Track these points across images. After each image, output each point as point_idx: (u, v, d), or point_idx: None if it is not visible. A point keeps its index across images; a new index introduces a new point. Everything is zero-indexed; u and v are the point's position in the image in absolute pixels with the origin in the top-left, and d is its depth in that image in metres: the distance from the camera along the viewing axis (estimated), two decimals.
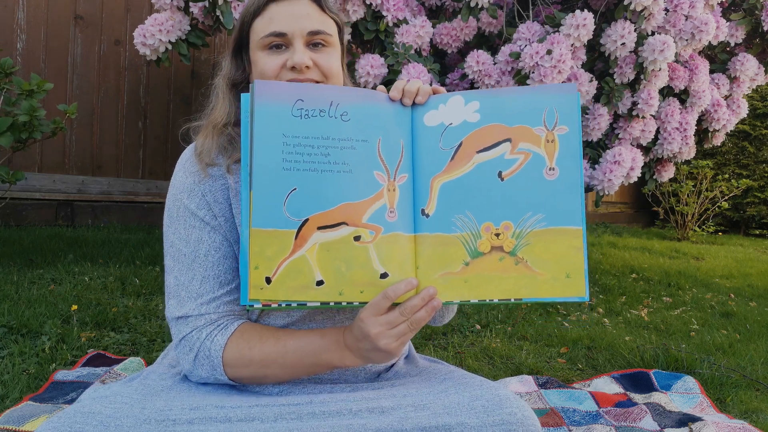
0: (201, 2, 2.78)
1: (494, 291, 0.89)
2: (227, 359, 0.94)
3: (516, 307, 2.65)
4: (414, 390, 0.94)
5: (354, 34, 2.96)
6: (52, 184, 3.81)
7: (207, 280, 0.97)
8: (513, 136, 0.89)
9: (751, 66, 3.29)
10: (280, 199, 0.84)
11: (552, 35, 2.61)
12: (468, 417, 0.88)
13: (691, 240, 5.93)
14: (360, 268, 0.86)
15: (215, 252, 0.98)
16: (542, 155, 0.89)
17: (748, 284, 3.66)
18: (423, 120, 0.91)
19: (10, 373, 1.62)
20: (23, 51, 3.70)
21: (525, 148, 0.89)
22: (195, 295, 0.97)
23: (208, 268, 0.98)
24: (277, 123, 0.84)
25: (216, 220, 0.99)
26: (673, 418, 1.61)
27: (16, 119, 2.41)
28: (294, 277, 0.84)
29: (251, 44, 1.02)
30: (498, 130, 0.90)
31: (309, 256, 0.85)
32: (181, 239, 0.99)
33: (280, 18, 0.99)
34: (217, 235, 0.99)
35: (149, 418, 0.85)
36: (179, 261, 0.98)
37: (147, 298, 2.41)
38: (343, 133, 0.86)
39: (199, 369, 0.96)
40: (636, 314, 2.73)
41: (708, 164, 6.00)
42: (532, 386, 1.79)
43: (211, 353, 0.94)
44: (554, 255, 0.88)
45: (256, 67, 1.01)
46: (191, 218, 0.99)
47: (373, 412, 0.90)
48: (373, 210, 0.86)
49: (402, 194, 0.88)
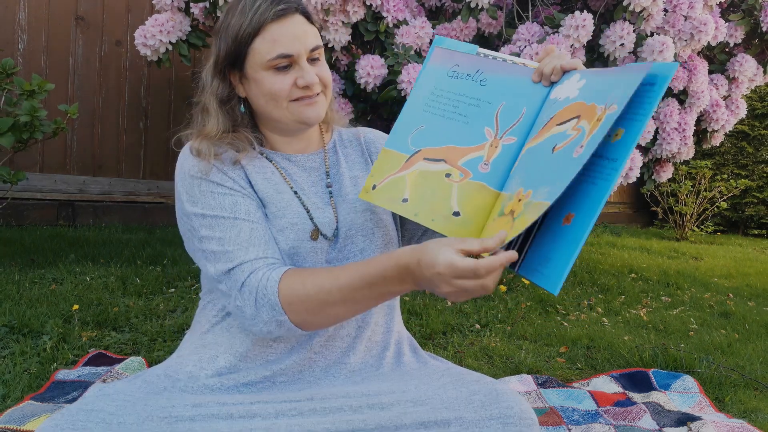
0: (202, 3, 2.79)
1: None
2: (283, 295, 0.91)
3: (516, 307, 2.66)
4: (413, 386, 0.96)
5: (354, 35, 2.96)
6: (53, 184, 3.82)
7: (256, 231, 0.97)
8: (582, 113, 0.92)
9: (749, 66, 3.30)
10: (410, 131, 1.04)
11: (551, 36, 2.62)
12: (466, 411, 0.89)
13: (689, 240, 5.94)
14: (439, 199, 0.97)
15: (255, 211, 0.99)
16: (585, 132, 0.89)
17: (746, 284, 3.67)
18: (550, 94, 1.00)
19: (11, 373, 1.63)
20: (24, 51, 3.70)
21: (581, 125, 0.90)
22: (246, 242, 0.95)
23: (255, 221, 0.98)
24: (434, 79, 1.06)
25: (245, 189, 1.00)
26: (671, 417, 1.62)
27: (18, 120, 2.42)
28: (390, 190, 1.01)
29: (251, 63, 1.01)
30: (578, 107, 0.93)
31: (408, 178, 1.01)
32: (214, 208, 0.98)
33: (283, 39, 0.99)
34: (251, 200, 1.00)
35: (152, 415, 0.86)
36: (218, 225, 0.97)
37: (148, 297, 2.42)
38: (475, 93, 1.04)
39: (261, 312, 0.93)
40: (635, 314, 2.74)
41: (707, 164, 6.00)
42: (531, 385, 1.80)
43: (268, 291, 0.92)
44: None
45: (261, 86, 1.01)
46: (218, 188, 0.99)
47: (373, 408, 0.91)
48: (471, 157, 1.00)
49: (503, 153, 0.99)
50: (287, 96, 1.01)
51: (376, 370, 1.07)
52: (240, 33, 0.99)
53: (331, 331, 1.04)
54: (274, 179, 1.05)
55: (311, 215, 1.03)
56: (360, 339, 1.07)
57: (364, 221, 1.06)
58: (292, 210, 1.02)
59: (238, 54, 1.01)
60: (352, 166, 1.14)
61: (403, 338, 1.15)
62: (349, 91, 2.93)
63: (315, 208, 1.05)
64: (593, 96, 0.91)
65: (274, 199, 1.03)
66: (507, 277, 3.24)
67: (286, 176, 1.06)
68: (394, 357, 1.11)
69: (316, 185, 1.09)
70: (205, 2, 2.78)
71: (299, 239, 1.01)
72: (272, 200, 1.02)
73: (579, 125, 0.90)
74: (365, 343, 1.08)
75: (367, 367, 1.07)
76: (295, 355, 1.02)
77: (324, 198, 1.08)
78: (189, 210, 1.00)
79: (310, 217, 1.03)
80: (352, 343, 1.06)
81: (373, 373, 1.06)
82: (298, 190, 1.06)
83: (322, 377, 1.03)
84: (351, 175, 1.12)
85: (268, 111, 1.04)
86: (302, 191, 1.06)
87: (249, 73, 1.02)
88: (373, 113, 3.30)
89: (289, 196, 1.04)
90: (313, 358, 1.03)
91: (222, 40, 1.02)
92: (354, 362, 1.06)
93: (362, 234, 1.06)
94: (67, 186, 3.88)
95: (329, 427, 0.89)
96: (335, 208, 1.07)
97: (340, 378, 1.03)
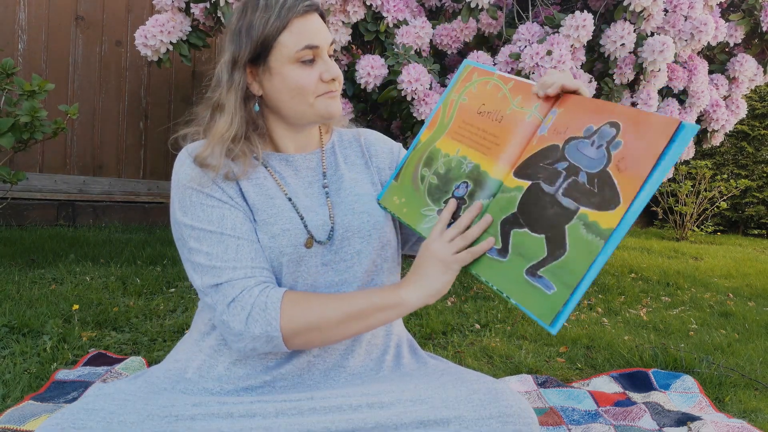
0: (202, 3, 2.79)
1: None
2: (285, 310, 0.94)
3: (516, 307, 2.66)
4: (413, 385, 0.96)
5: (354, 35, 2.97)
6: (53, 184, 3.82)
7: (242, 248, 0.97)
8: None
9: (749, 66, 3.30)
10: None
11: (552, 36, 2.62)
12: (465, 410, 0.89)
13: (689, 240, 5.94)
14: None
15: (241, 225, 0.99)
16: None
17: (746, 284, 3.67)
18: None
19: (11, 373, 1.63)
20: (24, 52, 3.71)
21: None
22: (233, 261, 0.96)
23: (241, 237, 0.98)
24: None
25: (233, 200, 1.01)
26: (671, 417, 1.62)
27: (18, 120, 2.42)
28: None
29: (277, 57, 1.02)
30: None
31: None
32: (203, 221, 0.99)
33: (309, 31, 1.02)
34: (238, 212, 1.00)
35: (152, 414, 0.86)
36: (206, 239, 0.98)
37: (148, 297, 2.42)
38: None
39: (252, 326, 0.94)
40: (635, 314, 2.74)
41: (707, 164, 6.01)
42: (531, 385, 1.80)
43: (268, 306, 0.93)
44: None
45: (287, 81, 1.02)
46: (208, 199, 1.00)
47: (372, 407, 0.91)
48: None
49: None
50: (314, 91, 1.03)
51: (375, 374, 1.07)
52: (268, 27, 1.00)
53: None
54: (266, 185, 1.05)
55: (305, 222, 1.03)
56: (359, 342, 1.07)
57: (361, 223, 1.06)
58: (284, 216, 1.02)
59: (265, 47, 1.02)
60: (351, 167, 1.14)
61: (403, 340, 1.15)
62: (349, 91, 2.93)
63: (309, 212, 1.05)
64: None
65: (265, 205, 1.03)
66: None
67: (280, 181, 1.06)
68: (394, 360, 1.11)
69: (313, 185, 1.09)
70: (206, 2, 2.78)
71: (292, 244, 1.01)
72: (263, 207, 1.02)
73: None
74: (365, 346, 1.08)
75: (366, 370, 1.07)
76: (294, 360, 1.02)
77: (320, 199, 1.08)
78: (180, 219, 1.01)
79: (304, 224, 1.03)
80: (352, 346, 1.06)
81: (373, 377, 1.06)
82: (292, 195, 1.05)
83: (321, 381, 1.03)
84: (350, 176, 1.12)
85: (290, 106, 1.04)
86: (296, 195, 1.06)
87: (274, 67, 1.02)
88: (373, 113, 3.31)
89: (282, 201, 1.04)
90: (312, 361, 1.03)
91: (244, 36, 1.02)
92: (353, 365, 1.06)
93: (359, 236, 1.06)
94: (67, 186, 3.88)
95: (329, 426, 0.89)
96: (331, 209, 1.07)
97: (339, 381, 1.03)
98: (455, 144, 1.05)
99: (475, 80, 1.09)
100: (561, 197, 0.88)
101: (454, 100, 1.10)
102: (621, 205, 0.82)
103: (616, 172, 0.84)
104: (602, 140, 0.87)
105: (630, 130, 0.85)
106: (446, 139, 1.07)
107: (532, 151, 0.95)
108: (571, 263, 0.84)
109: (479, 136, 1.03)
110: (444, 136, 1.08)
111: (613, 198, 0.83)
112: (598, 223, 0.83)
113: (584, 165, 0.88)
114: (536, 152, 0.95)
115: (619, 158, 0.84)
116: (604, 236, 0.82)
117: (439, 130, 1.09)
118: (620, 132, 0.86)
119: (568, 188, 0.88)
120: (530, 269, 0.88)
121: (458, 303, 2.66)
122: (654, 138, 0.82)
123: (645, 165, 0.81)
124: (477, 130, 1.04)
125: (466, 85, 1.09)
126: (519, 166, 0.96)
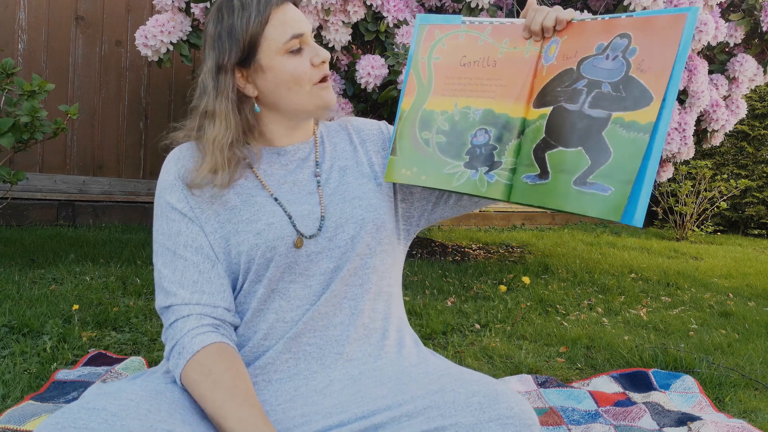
0: (202, 3, 2.79)
1: None
2: (189, 368, 0.94)
3: (516, 307, 2.66)
4: (409, 396, 0.94)
5: (354, 35, 2.97)
6: (53, 184, 3.82)
7: (186, 271, 1.00)
8: None
9: (749, 66, 3.30)
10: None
11: None
12: (463, 416, 0.87)
13: (689, 240, 5.94)
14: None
15: (193, 242, 1.01)
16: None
17: (746, 284, 3.67)
18: None
19: (11, 373, 1.63)
20: (24, 52, 3.71)
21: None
22: (177, 284, 0.99)
23: (187, 259, 1.00)
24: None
25: (193, 212, 1.02)
26: (671, 417, 1.62)
27: (18, 120, 2.42)
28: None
29: (265, 53, 1.02)
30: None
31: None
32: (164, 234, 1.02)
33: (290, 21, 1.02)
34: (194, 225, 1.02)
35: (154, 428, 0.85)
36: (162, 255, 1.02)
37: (148, 297, 2.42)
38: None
39: (170, 358, 0.98)
40: (635, 314, 2.74)
41: (707, 164, 6.01)
42: (531, 385, 1.80)
43: (183, 353, 0.95)
44: None
45: (280, 73, 1.02)
46: (171, 212, 1.03)
47: (367, 430, 0.91)
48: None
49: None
50: (310, 79, 1.03)
51: (375, 361, 1.05)
52: (251, 25, 1.00)
53: (324, 321, 1.04)
54: (247, 185, 1.05)
55: (289, 213, 1.03)
56: (354, 326, 1.05)
57: (353, 209, 1.06)
58: (267, 210, 1.02)
59: (252, 46, 1.02)
60: (340, 155, 1.14)
61: (404, 326, 1.13)
62: (350, 91, 2.93)
63: (294, 204, 1.05)
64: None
65: (246, 204, 1.03)
66: (507, 277, 3.24)
67: (263, 179, 1.06)
68: (396, 346, 1.09)
69: (304, 174, 1.09)
70: (206, 2, 2.78)
71: (278, 237, 1.00)
72: (244, 207, 1.03)
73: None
74: (362, 330, 1.06)
75: (365, 356, 1.05)
76: (290, 351, 1.02)
77: (310, 188, 1.07)
78: (153, 225, 1.04)
79: (288, 216, 1.03)
80: (347, 331, 1.05)
81: (372, 365, 1.04)
82: (275, 189, 1.06)
83: (318, 371, 1.02)
84: (340, 165, 1.12)
85: (288, 98, 1.04)
86: (281, 189, 1.06)
87: (265, 63, 1.02)
88: (373, 113, 3.31)
89: (264, 198, 1.04)
90: (307, 350, 1.03)
91: (226, 40, 1.02)
92: (350, 351, 1.04)
93: (353, 221, 1.05)
94: (67, 186, 3.88)
95: None
96: (323, 197, 1.07)
97: (336, 370, 1.02)
98: (449, 99, 1.06)
99: (439, 37, 1.09)
100: (588, 110, 0.91)
101: (425, 61, 1.09)
102: (655, 99, 0.86)
103: (639, 73, 0.88)
104: (616, 51, 0.91)
105: (641, 35, 0.89)
106: (435, 98, 1.07)
107: (544, 81, 0.97)
108: (621, 162, 0.87)
109: (476, 84, 1.04)
110: (431, 96, 1.08)
111: (643, 96, 0.87)
112: (636, 121, 0.87)
113: (604, 77, 0.91)
114: (551, 80, 0.97)
115: (638, 62, 0.88)
116: (647, 130, 0.85)
117: (422, 93, 1.09)
118: (632, 40, 0.90)
119: (594, 101, 0.91)
120: (578, 180, 0.90)
121: (458, 303, 2.66)
122: (667, 34, 0.86)
123: (667, 59, 0.86)
124: (470, 80, 1.05)
125: (432, 43, 1.09)
126: (536, 97, 0.98)
